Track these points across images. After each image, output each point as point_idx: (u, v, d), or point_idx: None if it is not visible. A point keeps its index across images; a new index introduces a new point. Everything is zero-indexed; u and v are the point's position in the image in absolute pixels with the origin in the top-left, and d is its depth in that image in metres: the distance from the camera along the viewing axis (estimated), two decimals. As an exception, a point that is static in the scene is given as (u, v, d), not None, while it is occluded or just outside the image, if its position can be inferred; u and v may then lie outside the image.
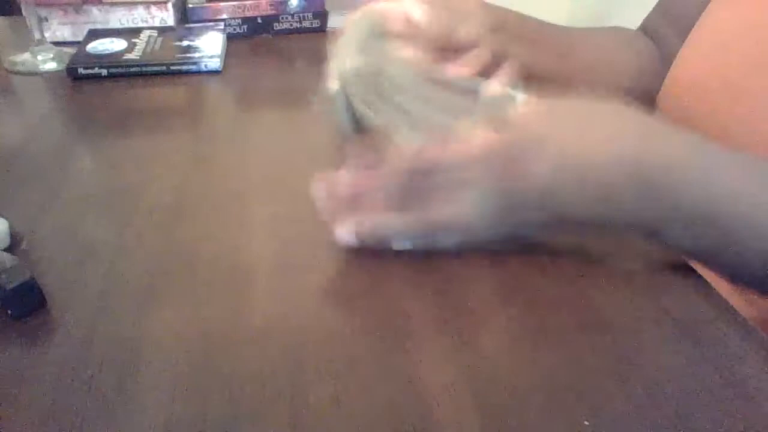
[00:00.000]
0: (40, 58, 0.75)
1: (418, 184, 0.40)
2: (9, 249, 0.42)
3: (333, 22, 0.92)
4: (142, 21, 0.84)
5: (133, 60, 0.73)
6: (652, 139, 0.37)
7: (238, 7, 0.87)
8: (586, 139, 0.37)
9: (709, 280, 0.40)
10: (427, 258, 0.42)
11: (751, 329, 0.36)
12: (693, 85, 0.52)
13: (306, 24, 0.91)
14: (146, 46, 0.76)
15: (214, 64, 0.76)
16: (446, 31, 0.49)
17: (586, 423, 0.31)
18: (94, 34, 0.79)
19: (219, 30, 0.83)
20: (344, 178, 0.42)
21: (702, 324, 0.37)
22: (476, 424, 0.30)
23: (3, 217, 0.43)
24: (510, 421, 0.31)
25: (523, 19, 0.56)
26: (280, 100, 0.68)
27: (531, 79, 0.44)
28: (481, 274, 0.41)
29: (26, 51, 0.76)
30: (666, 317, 0.37)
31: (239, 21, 0.87)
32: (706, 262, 0.39)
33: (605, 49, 0.61)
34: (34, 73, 0.74)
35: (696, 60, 0.52)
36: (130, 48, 0.76)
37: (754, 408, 0.31)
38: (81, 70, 0.71)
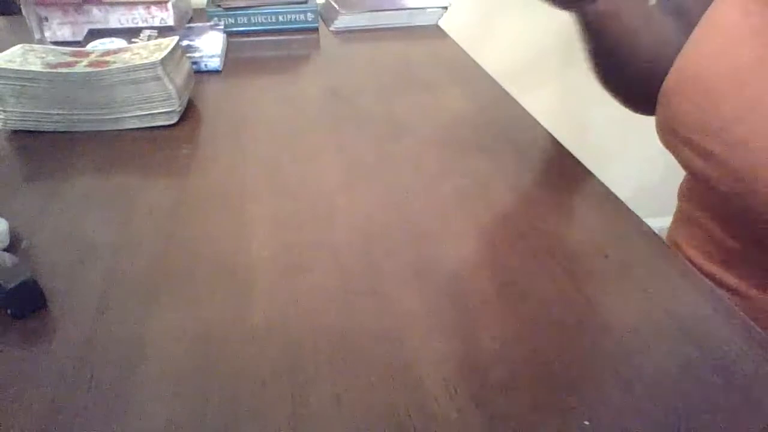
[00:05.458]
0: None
1: None
2: (9, 249, 0.42)
3: (335, 22, 0.92)
4: (142, 21, 0.84)
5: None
6: None
7: None
8: None
9: (709, 280, 0.40)
10: (426, 258, 0.42)
11: (752, 329, 0.36)
12: (698, 79, 0.52)
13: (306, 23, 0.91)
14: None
15: (214, 63, 0.76)
16: None
17: (586, 423, 0.31)
18: (94, 34, 0.79)
19: (219, 30, 0.83)
20: None
21: (702, 324, 0.37)
22: (476, 423, 0.30)
23: (3, 217, 0.43)
24: (510, 420, 0.31)
25: None
26: (280, 100, 0.68)
27: None
28: (481, 274, 0.41)
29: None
30: (666, 317, 0.37)
31: None
32: None
33: None
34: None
35: (701, 58, 0.52)
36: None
37: (754, 408, 0.31)
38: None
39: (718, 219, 0.55)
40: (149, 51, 0.62)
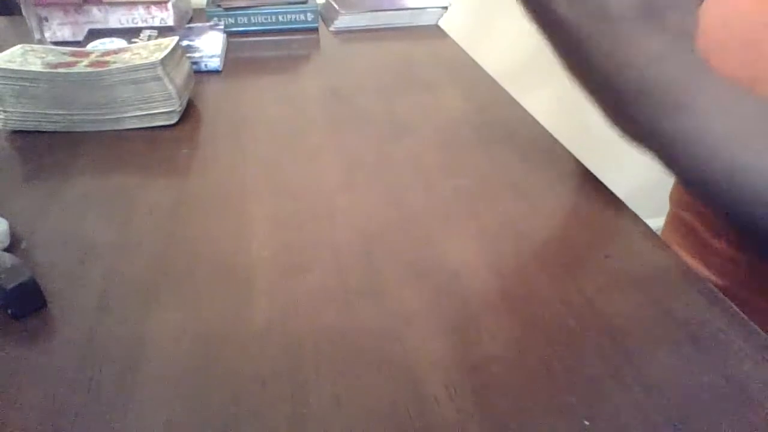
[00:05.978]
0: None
1: None
2: (9, 249, 0.42)
3: (335, 22, 0.92)
4: (142, 21, 0.84)
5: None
6: None
7: None
8: None
9: (709, 280, 0.40)
10: (426, 257, 0.42)
11: (752, 329, 0.36)
12: None
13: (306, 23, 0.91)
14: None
15: (214, 63, 0.76)
16: None
17: (586, 423, 0.31)
18: (94, 34, 0.79)
19: (219, 30, 0.83)
20: None
21: (702, 324, 0.37)
22: (476, 424, 0.30)
23: (3, 217, 0.43)
24: (510, 421, 0.31)
25: None
26: (280, 100, 0.68)
27: None
28: (481, 274, 0.41)
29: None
30: (666, 317, 0.37)
31: None
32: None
33: None
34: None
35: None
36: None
37: (754, 408, 0.31)
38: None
39: (708, 223, 0.55)
40: (149, 51, 0.62)
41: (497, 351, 0.35)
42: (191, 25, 0.86)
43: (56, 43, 0.80)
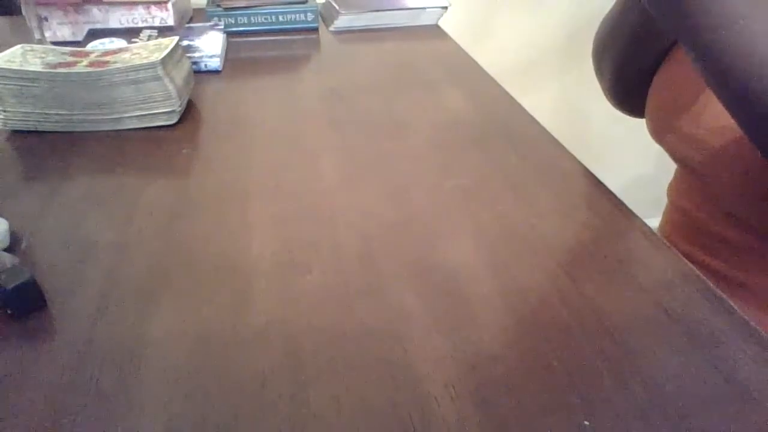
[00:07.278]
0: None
1: None
2: (9, 249, 0.42)
3: (335, 22, 0.92)
4: (142, 21, 0.84)
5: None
6: None
7: None
8: None
9: (709, 281, 0.40)
10: (426, 257, 0.42)
11: (751, 329, 0.36)
12: (681, 66, 0.53)
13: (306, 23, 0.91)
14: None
15: (214, 63, 0.76)
16: None
17: (586, 423, 0.31)
18: (94, 34, 0.79)
19: (219, 30, 0.83)
20: None
21: (702, 324, 0.37)
22: (476, 423, 0.30)
23: (3, 217, 0.43)
24: (510, 420, 0.31)
25: None
26: (280, 100, 0.68)
27: None
28: (481, 274, 0.41)
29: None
30: (666, 317, 0.37)
31: None
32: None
33: None
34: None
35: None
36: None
37: (754, 408, 0.31)
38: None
39: (706, 208, 0.56)
40: (149, 51, 0.62)
41: (497, 351, 0.35)
42: (191, 25, 0.86)
43: (56, 43, 0.80)
